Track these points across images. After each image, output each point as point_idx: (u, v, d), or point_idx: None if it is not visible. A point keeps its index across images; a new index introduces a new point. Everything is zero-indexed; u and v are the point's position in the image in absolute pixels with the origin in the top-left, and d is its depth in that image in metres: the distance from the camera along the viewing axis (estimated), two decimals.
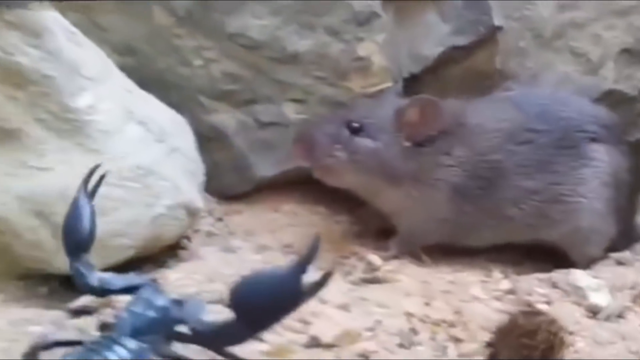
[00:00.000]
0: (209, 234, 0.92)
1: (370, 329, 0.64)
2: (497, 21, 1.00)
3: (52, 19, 0.74)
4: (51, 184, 0.69)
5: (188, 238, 0.85)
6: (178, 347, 0.55)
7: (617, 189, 0.89)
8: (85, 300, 0.68)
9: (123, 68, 0.87)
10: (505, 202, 0.86)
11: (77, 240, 0.58)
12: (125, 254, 0.72)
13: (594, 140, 0.88)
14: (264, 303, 0.49)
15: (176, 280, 0.73)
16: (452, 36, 0.99)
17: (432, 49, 0.99)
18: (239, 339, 0.51)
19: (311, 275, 0.49)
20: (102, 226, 0.68)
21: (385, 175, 0.85)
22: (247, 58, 0.96)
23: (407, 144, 0.85)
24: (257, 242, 0.90)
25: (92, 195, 0.62)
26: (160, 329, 0.54)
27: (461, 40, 1.00)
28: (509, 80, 1.04)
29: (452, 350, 0.63)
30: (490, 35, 1.00)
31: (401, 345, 0.62)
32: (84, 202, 0.60)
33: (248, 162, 0.98)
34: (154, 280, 0.60)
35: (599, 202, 0.87)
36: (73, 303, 0.68)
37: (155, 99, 0.87)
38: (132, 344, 0.52)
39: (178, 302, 0.56)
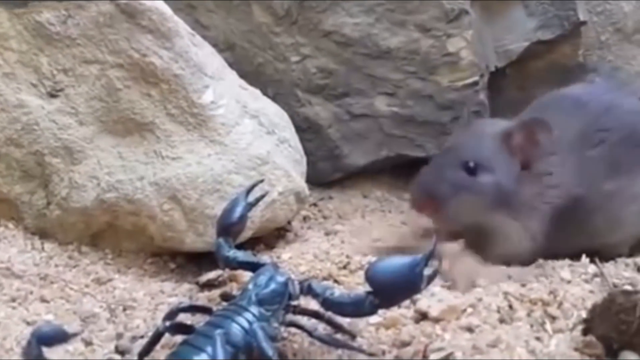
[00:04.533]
0: (306, 218, 0.99)
1: (472, 306, 0.69)
2: (582, 16, 1.03)
3: (179, 22, 0.82)
4: (181, 172, 0.77)
5: (289, 222, 0.93)
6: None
7: None
8: (210, 275, 0.76)
9: None
10: (594, 210, 0.82)
11: (226, 225, 0.70)
12: (245, 235, 0.78)
13: None
14: (397, 284, 0.58)
15: (289, 259, 0.80)
16: (537, 31, 1.04)
17: (517, 44, 1.04)
18: (369, 311, 0.59)
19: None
20: None
21: (507, 206, 0.80)
22: (341, 54, 1.03)
23: (521, 169, 0.80)
24: (351, 226, 0.97)
25: (255, 203, 0.73)
26: (280, 300, 0.62)
27: (546, 35, 1.04)
28: (590, 73, 1.08)
29: (548, 326, 0.67)
30: (575, 30, 1.04)
31: (502, 321, 0.67)
32: (241, 200, 0.71)
33: (340, 152, 1.05)
34: (273, 262, 0.70)
35: None
36: (201, 277, 0.76)
37: (261, 94, 0.93)
38: (257, 310, 0.60)
39: (301, 282, 0.64)
